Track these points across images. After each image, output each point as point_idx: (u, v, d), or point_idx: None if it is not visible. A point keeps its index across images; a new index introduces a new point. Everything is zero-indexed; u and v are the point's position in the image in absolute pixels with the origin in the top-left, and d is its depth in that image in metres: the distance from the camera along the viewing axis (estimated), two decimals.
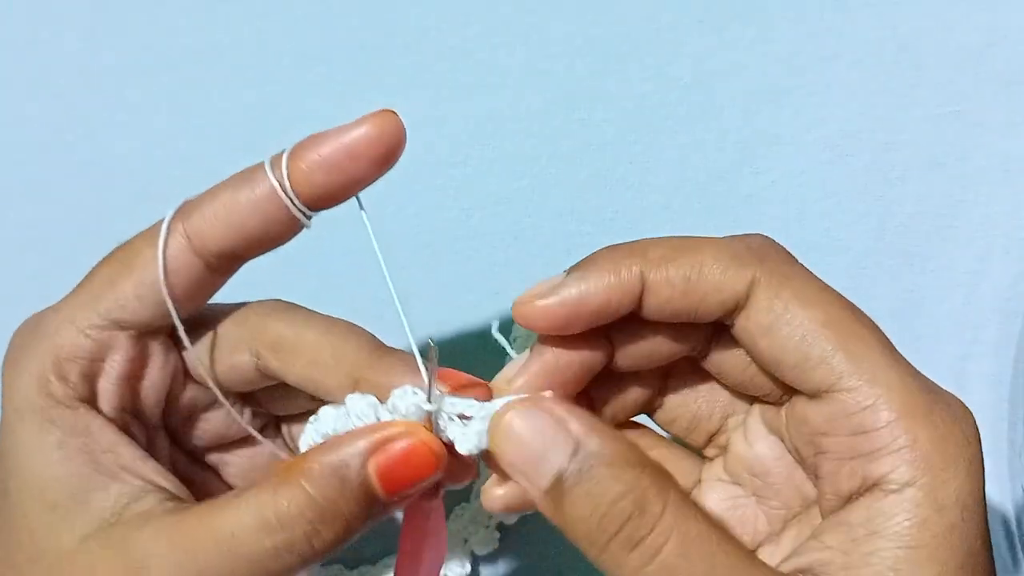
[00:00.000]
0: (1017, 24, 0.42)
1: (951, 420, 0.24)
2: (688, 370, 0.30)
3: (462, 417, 0.26)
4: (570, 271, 0.26)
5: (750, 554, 0.24)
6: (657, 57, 0.42)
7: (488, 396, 0.27)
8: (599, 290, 0.26)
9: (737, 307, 0.26)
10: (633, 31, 0.42)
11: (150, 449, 0.28)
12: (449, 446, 0.26)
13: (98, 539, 0.25)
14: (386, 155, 0.27)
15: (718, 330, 0.28)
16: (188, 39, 0.42)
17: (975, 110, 0.42)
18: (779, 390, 0.28)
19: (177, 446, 0.31)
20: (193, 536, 0.24)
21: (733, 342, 0.27)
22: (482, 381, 0.28)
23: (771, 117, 0.42)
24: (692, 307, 0.26)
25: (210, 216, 0.27)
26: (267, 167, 0.27)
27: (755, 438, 0.29)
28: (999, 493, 0.40)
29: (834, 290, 0.27)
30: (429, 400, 0.26)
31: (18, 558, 0.25)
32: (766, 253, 0.26)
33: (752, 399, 0.29)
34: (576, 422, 0.23)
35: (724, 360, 0.28)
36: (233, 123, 0.42)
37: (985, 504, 0.24)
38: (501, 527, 0.39)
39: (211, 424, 0.31)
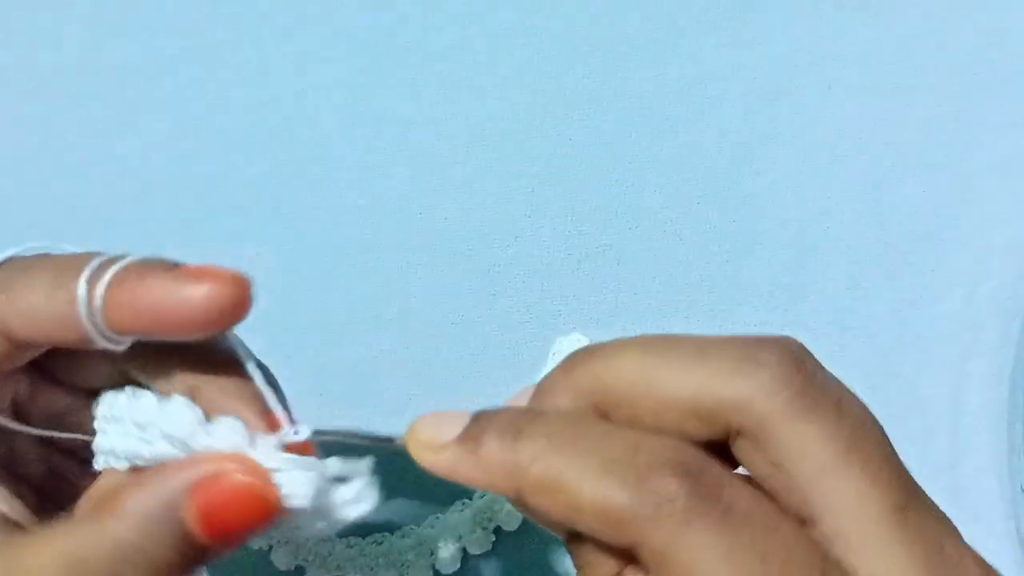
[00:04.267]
0: (1016, 24, 0.42)
1: None
2: None
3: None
4: (465, 431, 0.23)
5: None
6: (657, 57, 0.42)
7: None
8: (473, 480, 0.22)
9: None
10: (633, 31, 0.42)
11: (9, 457, 0.26)
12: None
13: None
14: (217, 324, 0.23)
15: None
16: (188, 38, 0.42)
17: (974, 110, 0.42)
18: None
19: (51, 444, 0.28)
20: None
21: None
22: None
23: (771, 117, 0.42)
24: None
25: (18, 312, 0.23)
26: (82, 284, 0.23)
27: None
28: (999, 493, 0.40)
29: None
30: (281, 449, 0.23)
31: None
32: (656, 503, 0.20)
33: None
34: None
35: None
36: (232, 123, 0.42)
37: None
38: (498, 531, 0.39)
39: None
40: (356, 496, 0.23)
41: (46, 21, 0.42)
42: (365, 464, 0.23)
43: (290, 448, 0.23)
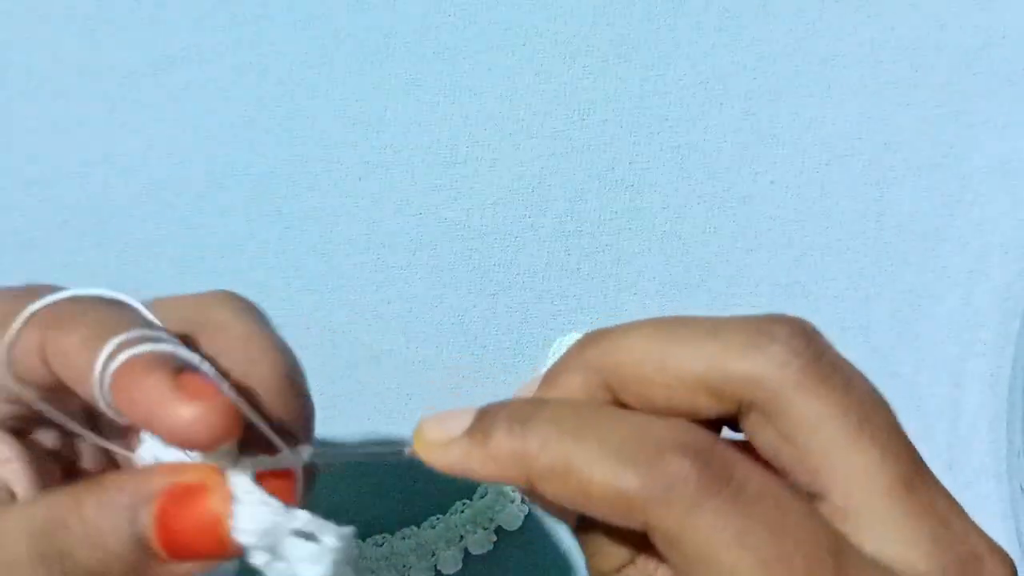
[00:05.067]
0: (1015, 25, 0.42)
1: None
2: None
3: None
4: (473, 425, 0.22)
5: None
6: (657, 57, 0.42)
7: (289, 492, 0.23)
8: (484, 472, 0.22)
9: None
10: (633, 31, 0.42)
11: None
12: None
13: None
14: (195, 445, 0.22)
15: None
16: (188, 38, 0.42)
17: (973, 111, 0.42)
18: None
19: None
20: None
21: None
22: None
23: (770, 117, 0.42)
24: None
25: (54, 352, 0.23)
26: (100, 361, 0.22)
27: None
28: (998, 493, 0.40)
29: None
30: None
31: None
32: (680, 475, 0.20)
33: None
34: None
35: None
36: (232, 123, 0.42)
37: None
38: (499, 531, 0.39)
39: None
40: (312, 557, 0.22)
41: (46, 21, 0.42)
42: (341, 532, 0.22)
43: (274, 480, 0.23)
